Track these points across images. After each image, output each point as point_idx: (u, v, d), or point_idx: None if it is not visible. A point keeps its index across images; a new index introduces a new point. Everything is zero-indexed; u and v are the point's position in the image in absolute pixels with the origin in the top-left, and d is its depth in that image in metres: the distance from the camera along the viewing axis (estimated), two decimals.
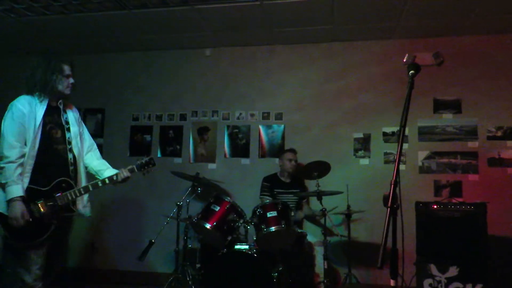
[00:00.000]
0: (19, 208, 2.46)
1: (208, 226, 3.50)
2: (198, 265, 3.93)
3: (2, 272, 3.51)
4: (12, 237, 2.51)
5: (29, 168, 2.57)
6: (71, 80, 2.76)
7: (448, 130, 4.61)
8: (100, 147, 5.45)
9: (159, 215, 4.31)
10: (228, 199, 3.71)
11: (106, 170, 2.87)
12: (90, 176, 2.91)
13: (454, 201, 4.03)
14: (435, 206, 3.86)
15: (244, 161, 5.01)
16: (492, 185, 4.38)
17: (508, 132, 4.47)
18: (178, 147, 5.19)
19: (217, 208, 3.60)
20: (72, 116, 2.87)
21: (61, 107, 2.80)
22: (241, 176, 4.96)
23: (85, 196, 2.83)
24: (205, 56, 5.25)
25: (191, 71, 5.27)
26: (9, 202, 2.47)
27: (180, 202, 4.04)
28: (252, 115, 5.07)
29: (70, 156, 2.73)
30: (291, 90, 5.02)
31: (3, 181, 2.49)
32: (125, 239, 5.03)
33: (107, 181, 2.76)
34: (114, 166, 2.90)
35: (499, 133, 4.50)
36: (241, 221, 3.65)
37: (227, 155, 5.07)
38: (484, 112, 4.55)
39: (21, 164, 2.53)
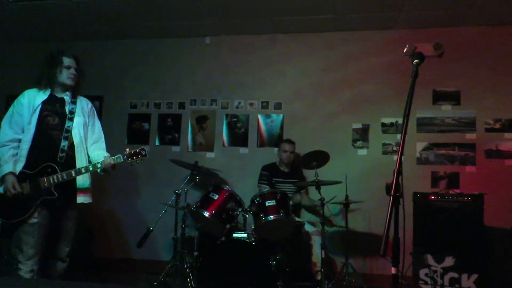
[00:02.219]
0: (10, 181, 2.72)
1: (206, 214, 3.51)
2: (196, 253, 3.94)
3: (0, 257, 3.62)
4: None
5: (24, 152, 2.80)
6: (73, 71, 2.94)
7: (447, 121, 4.62)
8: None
9: (157, 203, 4.31)
10: (227, 187, 3.71)
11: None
12: None
13: (451, 192, 4.07)
14: (433, 197, 3.89)
15: (243, 150, 5.01)
16: (489, 177, 4.41)
17: (506, 125, 4.49)
18: (176, 135, 5.18)
19: (216, 197, 3.60)
20: (80, 107, 3.02)
21: (67, 98, 2.97)
22: (239, 165, 4.96)
23: (86, 183, 2.99)
24: (204, 45, 5.22)
25: (191, 59, 5.24)
26: (2, 179, 2.74)
27: (178, 190, 4.03)
28: (251, 104, 5.06)
29: (64, 143, 2.86)
30: (291, 79, 5.00)
31: None
32: (123, 226, 5.05)
33: (90, 168, 2.86)
34: (111, 154, 2.93)
35: (497, 125, 4.52)
36: (240, 209, 3.65)
37: (226, 144, 5.06)
38: (483, 104, 4.55)
39: (14, 147, 2.80)
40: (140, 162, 2.93)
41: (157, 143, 5.19)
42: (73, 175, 2.84)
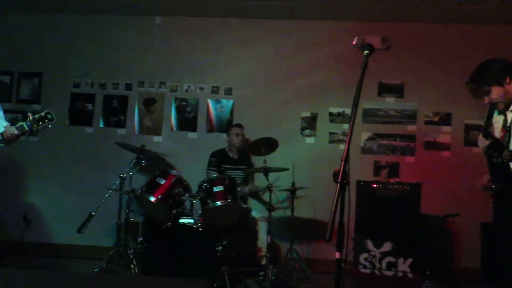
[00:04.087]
0: None
1: (152, 199, 3.44)
2: (140, 239, 3.86)
3: None
4: None
5: None
6: None
7: (390, 113, 4.81)
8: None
9: (100, 187, 4.15)
10: (174, 172, 3.66)
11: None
12: None
13: (391, 181, 4.26)
14: (375, 185, 4.05)
15: (191, 135, 4.93)
16: (427, 167, 4.66)
17: (444, 118, 4.74)
18: (122, 117, 4.99)
19: (163, 181, 3.54)
20: None
21: None
22: (187, 150, 4.88)
23: None
24: (155, 24, 5.03)
25: (139, 39, 5.04)
26: None
27: (123, 174, 3.92)
28: (201, 88, 4.97)
29: None
30: (242, 65, 4.96)
31: None
32: (63, 211, 4.81)
33: None
34: (52, 135, 2.71)
35: (436, 119, 4.76)
36: (187, 195, 3.61)
37: (174, 128, 4.96)
38: (424, 98, 4.78)
39: None
40: (48, 128, 2.66)
41: (101, 125, 4.98)
42: None
